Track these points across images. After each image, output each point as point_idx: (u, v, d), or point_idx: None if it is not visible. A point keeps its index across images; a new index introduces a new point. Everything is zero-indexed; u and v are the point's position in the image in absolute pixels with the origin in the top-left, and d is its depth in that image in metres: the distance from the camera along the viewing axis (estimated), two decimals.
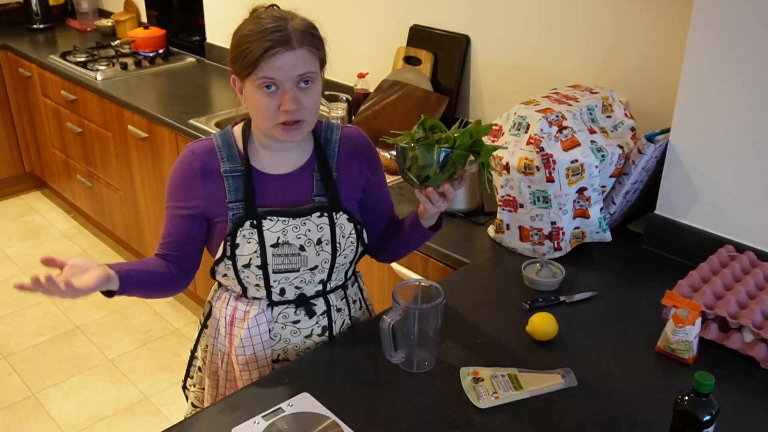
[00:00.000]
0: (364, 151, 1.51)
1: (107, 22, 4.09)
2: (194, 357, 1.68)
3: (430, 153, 1.29)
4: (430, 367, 1.42)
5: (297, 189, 1.44)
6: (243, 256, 1.40)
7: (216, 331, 1.55)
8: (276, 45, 1.27)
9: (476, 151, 1.31)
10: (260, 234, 1.39)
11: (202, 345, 1.63)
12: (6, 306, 3.29)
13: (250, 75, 1.31)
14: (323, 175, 1.45)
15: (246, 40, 1.30)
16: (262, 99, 1.31)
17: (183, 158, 1.44)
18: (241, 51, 1.31)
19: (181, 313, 3.25)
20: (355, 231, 1.46)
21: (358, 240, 1.47)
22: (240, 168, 1.41)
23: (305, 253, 1.42)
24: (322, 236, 1.43)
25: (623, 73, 2.07)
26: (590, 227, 1.81)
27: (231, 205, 1.40)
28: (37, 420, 2.62)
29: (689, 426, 1.12)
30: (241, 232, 1.39)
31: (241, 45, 1.31)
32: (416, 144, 1.30)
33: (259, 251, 1.40)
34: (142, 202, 3.25)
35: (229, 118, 2.85)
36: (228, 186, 1.40)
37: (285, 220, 1.40)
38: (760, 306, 1.49)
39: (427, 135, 1.32)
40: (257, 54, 1.28)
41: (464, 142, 1.29)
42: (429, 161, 1.29)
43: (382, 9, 2.70)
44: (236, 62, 1.33)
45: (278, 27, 1.29)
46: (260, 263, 1.41)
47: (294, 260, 1.42)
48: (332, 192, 1.44)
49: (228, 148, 1.43)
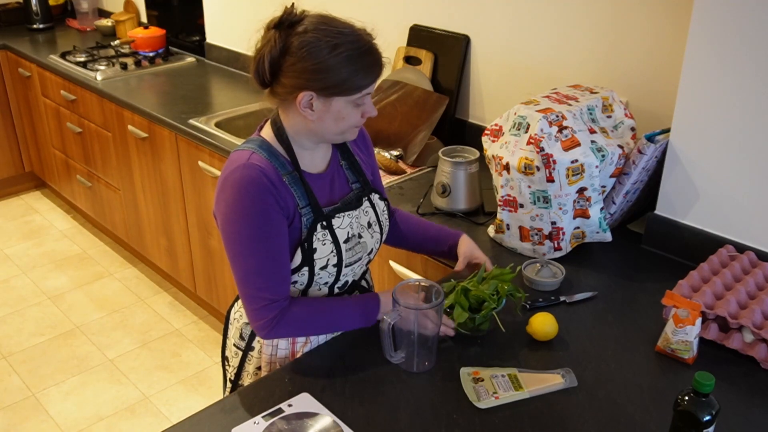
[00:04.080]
0: (367, 138, 1.58)
1: (107, 22, 4.09)
2: (238, 384, 1.57)
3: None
4: (430, 367, 1.42)
5: (337, 182, 1.47)
6: (321, 259, 1.40)
7: (274, 348, 1.48)
8: (381, 70, 1.34)
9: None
10: (332, 233, 1.40)
11: (249, 370, 1.54)
12: (6, 306, 3.29)
13: (348, 94, 1.30)
14: (350, 163, 1.50)
15: (352, 62, 1.28)
16: (353, 111, 1.34)
17: (255, 177, 1.29)
18: (346, 77, 1.28)
19: (181, 313, 3.25)
20: (387, 208, 1.55)
21: (389, 216, 1.55)
22: (294, 173, 1.38)
23: (363, 239, 1.47)
24: (370, 219, 1.48)
25: (623, 73, 2.07)
26: (590, 227, 1.81)
27: (302, 211, 1.37)
28: (37, 420, 2.62)
29: (689, 426, 1.12)
30: (315, 236, 1.38)
31: (343, 67, 1.27)
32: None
33: (335, 250, 1.41)
34: (142, 202, 3.25)
35: (229, 118, 2.87)
36: (295, 192, 1.36)
37: (349, 214, 1.44)
38: (760, 306, 1.49)
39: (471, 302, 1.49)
40: (366, 82, 1.31)
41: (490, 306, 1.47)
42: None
43: (382, 9, 2.70)
44: (327, 80, 1.27)
45: (379, 51, 1.33)
46: (336, 261, 1.42)
47: (359, 249, 1.46)
48: (362, 176, 1.50)
49: (275, 157, 1.36)
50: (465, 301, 1.47)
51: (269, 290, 1.32)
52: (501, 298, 1.49)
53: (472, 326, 1.48)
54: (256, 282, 1.32)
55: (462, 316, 1.45)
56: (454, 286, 1.51)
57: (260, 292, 1.32)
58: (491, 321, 1.51)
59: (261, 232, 1.30)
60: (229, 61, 3.52)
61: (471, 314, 1.47)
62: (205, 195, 2.81)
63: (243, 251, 1.31)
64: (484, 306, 1.47)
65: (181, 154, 2.85)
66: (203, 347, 3.02)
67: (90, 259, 3.68)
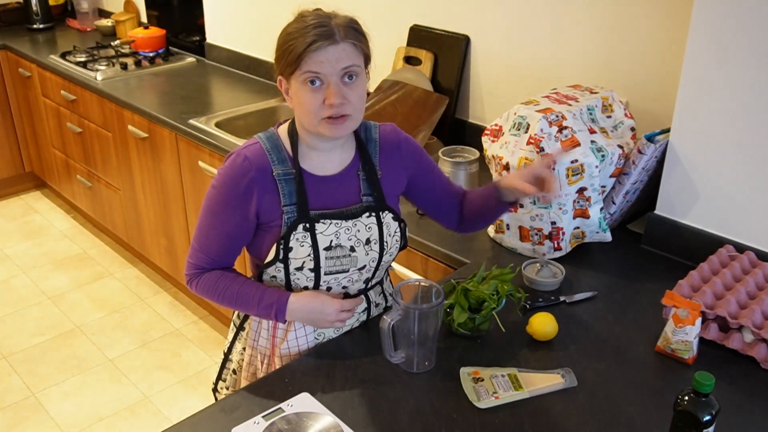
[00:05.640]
0: (403, 146, 1.51)
1: (107, 22, 4.09)
2: (228, 359, 1.65)
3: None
4: (430, 367, 1.42)
5: (345, 189, 1.44)
6: (296, 260, 1.40)
7: (256, 333, 1.54)
8: (319, 39, 1.28)
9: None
10: (313, 237, 1.39)
11: (238, 347, 1.61)
12: (6, 306, 3.29)
13: (295, 71, 1.31)
14: (368, 174, 1.45)
15: (290, 37, 1.30)
16: (308, 95, 1.31)
17: (236, 166, 1.38)
18: (286, 48, 1.31)
19: (181, 313, 3.25)
20: (399, 229, 1.49)
21: (401, 238, 1.50)
22: (291, 171, 1.39)
23: (355, 253, 1.43)
24: (370, 236, 1.44)
25: (623, 73, 2.07)
26: (590, 227, 1.81)
27: (285, 209, 1.39)
28: (37, 420, 2.62)
29: (689, 426, 1.12)
30: (294, 236, 1.38)
31: (285, 43, 1.31)
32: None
33: (312, 254, 1.40)
34: (142, 202, 3.25)
35: (229, 118, 2.87)
36: (282, 190, 1.38)
37: (338, 223, 1.40)
38: (760, 306, 1.49)
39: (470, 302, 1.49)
40: (301, 49, 1.28)
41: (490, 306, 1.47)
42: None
43: (382, 9, 2.70)
44: (281, 61, 1.33)
45: (321, 23, 1.29)
46: (313, 266, 1.41)
47: (345, 261, 1.43)
48: (377, 191, 1.45)
49: (277, 151, 1.40)
50: (465, 301, 1.47)
51: (194, 256, 1.46)
52: (501, 298, 1.49)
53: (472, 326, 1.48)
54: (193, 244, 1.47)
55: (462, 316, 1.45)
56: (454, 286, 1.51)
57: (192, 253, 1.47)
58: (491, 321, 1.51)
59: (214, 208, 1.41)
60: (229, 61, 3.52)
61: (471, 314, 1.47)
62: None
63: (199, 216, 1.45)
64: (484, 306, 1.47)
65: (181, 154, 2.85)
66: (203, 347, 3.02)
67: (90, 259, 3.68)
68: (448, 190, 1.60)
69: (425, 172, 1.55)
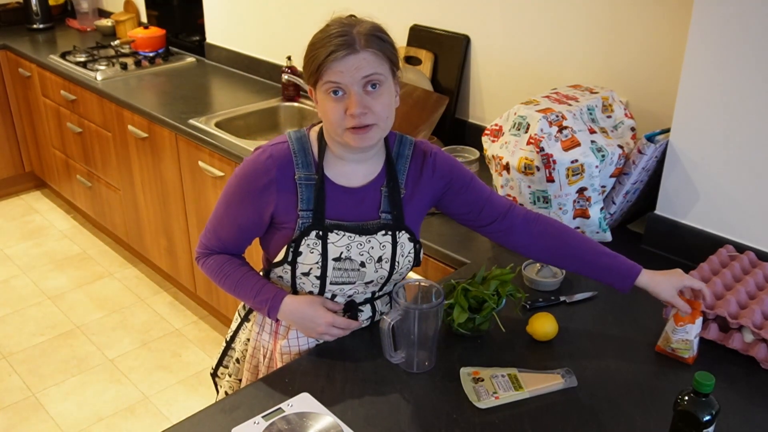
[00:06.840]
0: (438, 169, 1.45)
1: (107, 22, 4.09)
2: (230, 347, 1.67)
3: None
4: (430, 367, 1.42)
5: (365, 204, 1.42)
6: (303, 265, 1.40)
7: (260, 327, 1.56)
8: (339, 49, 1.27)
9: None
10: (324, 246, 1.39)
11: (241, 338, 1.63)
12: (6, 306, 3.29)
13: (318, 81, 1.31)
14: (391, 191, 1.43)
15: (313, 48, 1.31)
16: (330, 104, 1.31)
17: (260, 162, 1.39)
18: (310, 59, 1.31)
19: (181, 313, 3.25)
20: (414, 250, 1.47)
21: (415, 259, 1.48)
22: (314, 177, 1.39)
23: (365, 269, 1.42)
24: (383, 254, 1.43)
25: (623, 73, 2.07)
26: (590, 227, 1.81)
27: (301, 213, 1.39)
28: (37, 420, 2.62)
29: (689, 426, 1.12)
30: (305, 241, 1.38)
31: (309, 53, 1.32)
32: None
33: (320, 263, 1.40)
34: (142, 202, 3.25)
35: (229, 118, 2.87)
36: (301, 194, 1.38)
37: (351, 236, 1.40)
38: (760, 306, 1.49)
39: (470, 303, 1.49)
40: (321, 59, 1.28)
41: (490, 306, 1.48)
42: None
43: (382, 9, 2.70)
44: (306, 70, 1.34)
45: (342, 32, 1.29)
46: (320, 274, 1.41)
47: (353, 274, 1.42)
48: (398, 210, 1.43)
49: (303, 154, 1.39)
50: (465, 301, 1.47)
51: (206, 237, 1.50)
52: (501, 298, 1.49)
53: (472, 326, 1.48)
54: (207, 225, 1.50)
55: (462, 316, 1.45)
56: (454, 286, 1.51)
57: (204, 233, 1.51)
58: (491, 321, 1.51)
59: (231, 198, 1.43)
60: (229, 61, 3.52)
61: (471, 314, 1.47)
62: (205, 195, 2.81)
63: (218, 200, 1.47)
64: (484, 306, 1.47)
65: (181, 154, 2.85)
66: (203, 347, 3.02)
67: (90, 259, 3.68)
68: (490, 207, 1.49)
69: (458, 191, 1.47)
